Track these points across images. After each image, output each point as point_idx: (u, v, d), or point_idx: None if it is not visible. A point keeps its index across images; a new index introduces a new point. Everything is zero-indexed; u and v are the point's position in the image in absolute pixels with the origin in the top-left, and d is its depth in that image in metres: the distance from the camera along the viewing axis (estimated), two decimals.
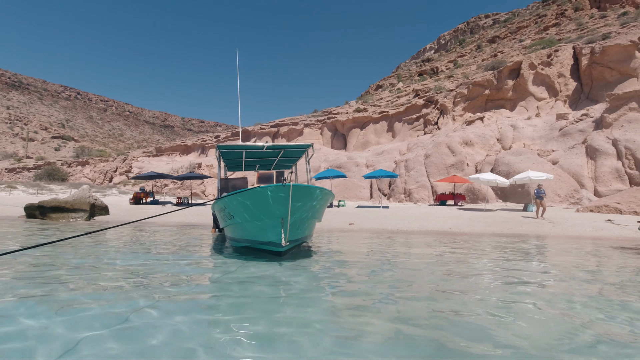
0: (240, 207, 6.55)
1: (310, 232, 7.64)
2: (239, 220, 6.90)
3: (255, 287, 4.62)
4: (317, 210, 7.00)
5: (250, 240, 6.98)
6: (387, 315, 3.54)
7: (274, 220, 6.15)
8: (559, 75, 33.05)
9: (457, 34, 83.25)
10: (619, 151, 21.47)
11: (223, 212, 7.52)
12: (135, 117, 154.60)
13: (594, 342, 2.90)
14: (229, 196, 6.63)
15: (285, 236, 6.04)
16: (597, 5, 52.87)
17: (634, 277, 5.82)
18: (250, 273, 5.48)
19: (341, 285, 5.00)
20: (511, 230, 12.60)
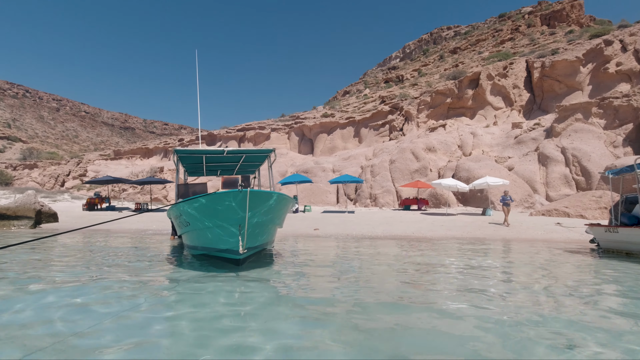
0: (196, 214, 6.23)
1: (270, 238, 7.42)
2: (196, 227, 6.57)
3: (204, 302, 4.33)
4: (277, 216, 6.81)
5: (208, 247, 6.66)
6: (345, 325, 3.40)
7: (231, 226, 5.89)
8: (513, 87, 35.04)
9: (422, 44, 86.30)
10: (567, 159, 22.97)
11: (179, 218, 7.14)
12: (92, 118, 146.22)
13: (541, 345, 2.92)
14: (184, 202, 6.30)
15: (243, 243, 5.80)
16: (547, 22, 56.83)
17: (579, 277, 6.11)
18: (202, 286, 5.17)
19: (301, 295, 4.82)
20: (471, 234, 13.01)
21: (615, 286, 5.58)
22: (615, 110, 24.44)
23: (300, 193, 27.95)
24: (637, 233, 8.49)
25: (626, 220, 9.14)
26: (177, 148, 8.34)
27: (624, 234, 8.81)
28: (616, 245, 9.27)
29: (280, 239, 12.00)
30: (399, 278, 5.94)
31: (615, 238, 9.17)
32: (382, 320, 3.65)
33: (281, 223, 7.79)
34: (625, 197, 9.74)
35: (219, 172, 12.16)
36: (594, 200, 17.27)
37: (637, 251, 8.67)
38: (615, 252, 9.28)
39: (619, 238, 9.04)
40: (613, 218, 9.66)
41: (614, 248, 9.37)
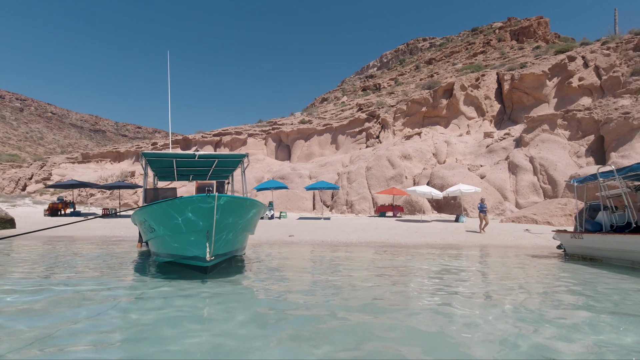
0: (162, 219, 5.93)
1: (241, 245, 7.19)
2: (161, 234, 6.25)
3: (165, 313, 4.05)
4: (248, 222, 6.60)
5: (174, 255, 6.35)
6: (313, 338, 3.23)
7: (198, 233, 5.63)
8: (485, 97, 36.30)
9: (398, 54, 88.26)
10: (535, 167, 23.89)
11: (144, 224, 6.79)
12: (59, 120, 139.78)
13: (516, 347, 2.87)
14: (148, 207, 5.98)
15: (211, 250, 5.54)
16: (516, 38, 59.54)
17: (543, 280, 6.22)
18: (165, 295, 4.87)
19: (271, 305, 4.61)
20: (444, 241, 13.17)
21: (578, 289, 5.70)
22: (578, 122, 25.71)
23: (277, 199, 27.61)
24: (599, 239, 8.80)
25: (590, 227, 9.49)
26: (145, 151, 7.98)
27: (588, 240, 9.13)
28: (581, 251, 9.59)
29: (254, 246, 11.70)
30: (370, 285, 5.84)
31: (579, 244, 9.49)
32: (347, 326, 3.51)
33: (252, 229, 7.56)
34: (589, 204, 10.13)
35: (191, 177, 11.75)
36: (559, 207, 17.97)
37: (599, 257, 8.99)
38: (580, 258, 9.59)
39: (583, 244, 9.35)
40: (578, 225, 10.01)
41: (579, 254, 9.69)
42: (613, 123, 23.06)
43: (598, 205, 9.80)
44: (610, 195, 9.49)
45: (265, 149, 44.97)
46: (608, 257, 8.71)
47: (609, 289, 5.82)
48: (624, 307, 4.72)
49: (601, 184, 9.45)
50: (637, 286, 6.09)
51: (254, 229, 7.75)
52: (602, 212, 9.33)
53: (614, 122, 23.05)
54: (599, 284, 6.23)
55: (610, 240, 8.44)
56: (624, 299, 5.16)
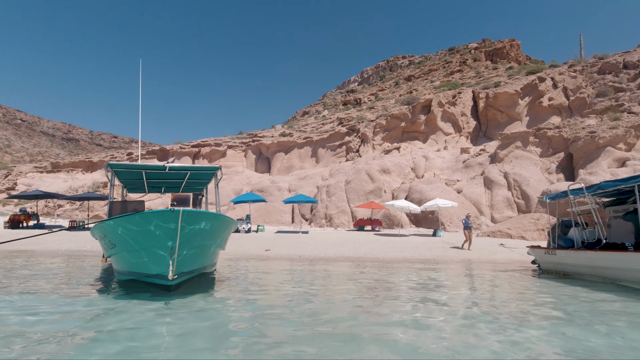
0: (122, 235, 5.56)
1: (210, 261, 6.87)
2: (122, 250, 5.87)
3: (122, 336, 3.70)
4: (216, 238, 6.31)
5: (136, 272, 5.97)
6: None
7: (160, 250, 5.31)
8: (462, 114, 37.36)
9: (379, 70, 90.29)
10: (509, 183, 24.53)
11: (104, 240, 6.37)
12: (29, 127, 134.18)
13: None
14: (106, 222, 5.60)
15: (174, 268, 5.22)
16: (491, 58, 62.09)
17: (519, 297, 6.19)
18: (124, 316, 4.50)
19: (236, 325, 4.32)
20: (421, 255, 13.13)
21: (552, 307, 5.68)
22: (549, 140, 26.72)
23: (255, 212, 27.13)
24: (571, 256, 8.93)
25: (562, 243, 9.65)
26: (110, 162, 7.58)
27: (561, 256, 9.26)
28: (554, 267, 9.71)
29: (229, 260, 11.28)
30: (344, 304, 5.63)
31: (553, 260, 9.61)
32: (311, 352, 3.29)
33: (223, 245, 7.26)
34: (561, 220, 10.33)
35: (162, 190, 11.29)
36: (532, 222, 18.39)
37: (572, 272, 9.11)
38: (554, 273, 9.70)
39: (556, 260, 9.48)
40: (551, 240, 10.17)
41: (553, 269, 9.80)
42: (581, 141, 24.07)
43: (570, 222, 10.01)
44: (581, 211, 9.72)
45: (245, 161, 44.46)
46: (580, 273, 8.85)
47: (579, 306, 5.83)
48: (593, 324, 4.69)
49: (572, 200, 9.67)
50: (609, 305, 6.14)
51: (224, 244, 7.45)
52: (574, 228, 9.52)
53: (581, 141, 24.07)
54: (570, 301, 6.25)
55: (582, 257, 8.58)
56: (594, 317, 5.15)
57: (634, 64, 32.48)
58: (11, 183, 35.91)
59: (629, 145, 23.07)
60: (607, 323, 4.77)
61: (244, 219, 20.89)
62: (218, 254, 7.67)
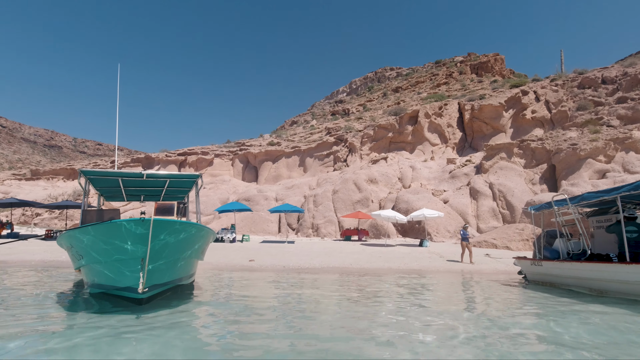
0: (89, 245, 5.26)
1: (186, 273, 6.56)
2: (91, 261, 5.55)
3: (83, 355, 3.41)
4: (192, 248, 6.03)
5: (105, 285, 5.65)
6: None
7: (130, 261, 5.03)
8: (448, 125, 37.88)
9: (367, 81, 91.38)
10: (494, 193, 24.78)
11: (71, 250, 6.03)
12: (9, 133, 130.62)
13: None
14: (73, 231, 5.30)
15: (144, 280, 4.95)
16: (476, 72, 63.55)
17: (507, 308, 6.08)
18: (89, 333, 4.18)
19: (211, 344, 4.06)
20: (407, 266, 13.00)
21: (541, 319, 5.58)
22: (532, 152, 27.21)
23: (241, 222, 26.70)
24: (557, 267, 8.90)
25: (548, 254, 9.63)
26: (84, 169, 7.25)
27: (547, 267, 9.23)
28: (541, 278, 9.67)
29: (210, 270, 10.93)
30: (326, 319, 5.41)
31: (539, 271, 9.58)
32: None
33: (200, 255, 6.97)
34: (546, 231, 10.33)
35: (142, 198, 10.91)
36: (517, 232, 18.52)
37: (558, 283, 9.08)
38: (540, 284, 9.65)
39: (542, 271, 9.44)
40: (537, 251, 10.15)
41: (539, 280, 9.76)
42: (563, 153, 24.57)
43: (554, 232, 10.02)
44: (565, 222, 9.75)
45: (232, 170, 43.99)
46: (566, 284, 8.82)
47: (566, 319, 5.74)
48: (579, 338, 4.59)
49: (556, 211, 9.70)
50: (596, 317, 6.07)
51: (202, 254, 7.16)
52: (559, 239, 9.52)
53: (563, 153, 24.57)
54: (557, 314, 6.16)
55: (567, 268, 8.56)
56: (581, 331, 5.06)
57: (611, 79, 33.60)
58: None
59: (608, 157, 23.64)
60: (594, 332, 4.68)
61: (229, 229, 20.47)
62: (196, 264, 7.37)
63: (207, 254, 14.31)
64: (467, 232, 13.97)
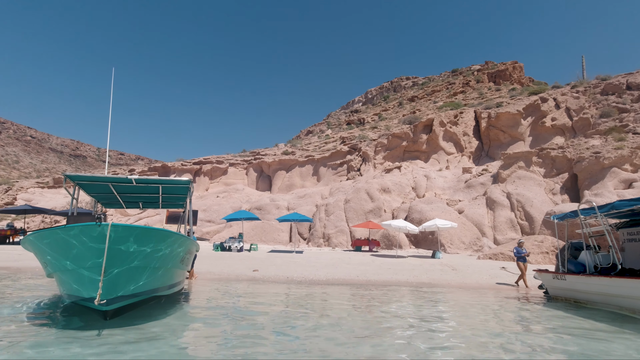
0: (48, 252, 5.09)
1: (162, 283, 6.18)
2: (54, 270, 5.38)
3: None
4: (165, 257, 5.68)
5: (72, 295, 5.43)
6: None
7: (86, 270, 4.78)
8: (464, 134, 37.01)
9: (382, 90, 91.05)
10: (512, 203, 23.82)
11: (37, 256, 5.84)
12: (38, 144, 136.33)
13: None
14: (26, 238, 5.15)
15: (102, 291, 4.65)
16: (493, 80, 62.35)
17: (524, 330, 5.56)
18: (39, 355, 3.97)
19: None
20: (417, 279, 12.43)
21: (563, 344, 5.05)
22: (552, 160, 26.13)
23: (252, 231, 26.58)
24: (583, 281, 8.09)
25: (573, 268, 8.85)
26: (68, 173, 7.09)
27: (571, 282, 8.46)
28: (564, 293, 8.91)
29: (209, 281, 10.71)
30: (319, 339, 5.05)
31: (562, 285, 8.81)
32: None
33: (182, 265, 6.63)
34: (571, 243, 9.53)
35: (140, 205, 10.82)
36: (536, 244, 17.61)
37: (584, 300, 8.27)
38: (563, 300, 8.92)
39: (566, 286, 8.67)
40: (560, 264, 9.37)
41: (562, 296, 9.01)
42: (585, 162, 23.46)
43: (580, 244, 9.25)
44: (592, 233, 8.98)
45: (246, 179, 44.21)
46: (592, 301, 8.03)
47: (592, 344, 5.19)
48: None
49: (582, 221, 8.96)
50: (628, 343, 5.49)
51: (184, 264, 6.83)
52: (585, 251, 8.75)
53: (586, 161, 23.46)
54: (582, 337, 5.60)
55: (595, 283, 7.76)
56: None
57: (637, 85, 32.15)
58: (10, 198, 35.89)
59: (635, 166, 22.40)
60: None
61: (237, 237, 20.33)
62: (178, 274, 7.02)
63: (211, 263, 14.14)
64: (523, 249, 11.79)
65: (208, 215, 31.17)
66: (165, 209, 11.63)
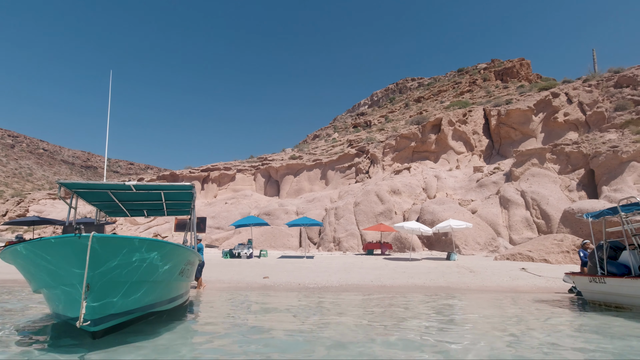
0: (24, 268, 4.77)
1: (160, 298, 5.72)
2: (38, 286, 5.02)
3: None
4: (162, 270, 5.24)
5: (58, 314, 5.08)
6: None
7: (67, 287, 4.39)
8: (473, 132, 36.35)
9: (388, 92, 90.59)
10: (527, 202, 23.13)
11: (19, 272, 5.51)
12: (50, 156, 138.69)
13: None
14: (3, 252, 4.76)
15: (85, 311, 4.19)
16: (501, 78, 61.52)
17: (572, 342, 5.09)
18: None
19: None
20: (434, 282, 11.96)
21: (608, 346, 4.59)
22: (567, 156, 25.39)
23: (261, 236, 26.29)
24: (629, 285, 7.45)
25: (615, 270, 8.20)
26: (62, 180, 6.61)
27: (613, 285, 7.82)
28: (603, 297, 8.28)
29: (218, 290, 10.39)
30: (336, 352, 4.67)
31: (602, 289, 8.18)
32: None
33: (181, 277, 6.16)
34: (609, 242, 8.82)
35: (145, 213, 10.52)
36: (555, 244, 16.96)
37: (629, 304, 7.63)
38: (601, 305, 8.35)
39: (607, 289, 8.03)
40: (597, 266, 8.72)
41: (601, 300, 8.39)
42: (602, 157, 22.71)
43: (619, 244, 8.59)
44: (636, 230, 8.31)
45: (254, 185, 44.07)
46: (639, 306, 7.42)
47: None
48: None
49: (624, 218, 8.31)
50: None
51: (186, 275, 6.40)
52: (628, 251, 8.08)
53: (603, 156, 22.71)
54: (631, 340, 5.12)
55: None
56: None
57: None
58: (23, 210, 36.22)
59: None
60: None
61: (246, 244, 20.04)
62: (180, 287, 6.57)
63: (221, 271, 13.83)
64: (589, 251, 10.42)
65: (217, 222, 31.00)
66: (172, 216, 11.34)
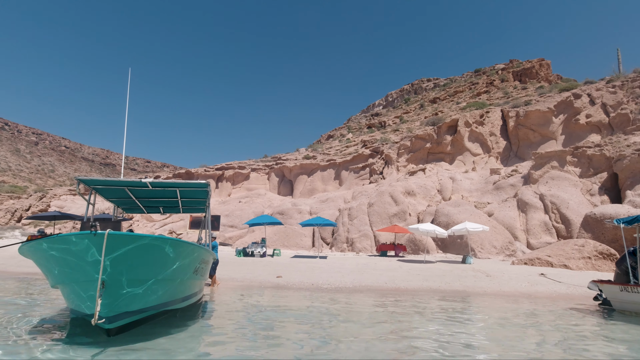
0: (41, 264, 4.87)
1: (174, 296, 5.76)
2: (56, 282, 5.10)
3: None
4: (177, 268, 5.26)
5: (75, 310, 5.16)
6: None
7: (82, 284, 4.44)
8: (490, 134, 35.66)
9: (403, 93, 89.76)
10: (546, 205, 22.54)
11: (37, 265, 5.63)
12: (71, 153, 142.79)
13: None
14: (21, 247, 4.86)
15: (99, 308, 4.22)
16: (519, 79, 60.17)
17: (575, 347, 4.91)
18: None
19: None
20: (449, 286, 11.76)
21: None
22: (589, 159, 24.64)
23: (274, 235, 26.39)
24: None
25: None
26: (81, 177, 6.85)
27: None
28: (636, 307, 8.00)
29: (231, 288, 10.47)
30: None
31: (635, 299, 7.90)
32: None
33: (195, 275, 6.19)
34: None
35: (161, 210, 10.70)
36: (576, 249, 16.46)
37: None
38: (633, 314, 8.02)
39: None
40: (631, 275, 8.37)
41: (634, 310, 8.10)
42: (627, 160, 21.94)
43: None
44: None
45: (268, 184, 44.33)
46: None
47: None
48: None
49: None
50: None
51: (200, 274, 6.45)
52: None
53: (627, 159, 21.94)
54: None
55: None
56: None
57: None
58: (45, 205, 37.35)
59: None
60: None
61: (259, 243, 20.15)
62: (194, 285, 6.60)
63: (234, 269, 13.94)
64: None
65: (230, 220, 31.29)
66: (187, 213, 11.50)
